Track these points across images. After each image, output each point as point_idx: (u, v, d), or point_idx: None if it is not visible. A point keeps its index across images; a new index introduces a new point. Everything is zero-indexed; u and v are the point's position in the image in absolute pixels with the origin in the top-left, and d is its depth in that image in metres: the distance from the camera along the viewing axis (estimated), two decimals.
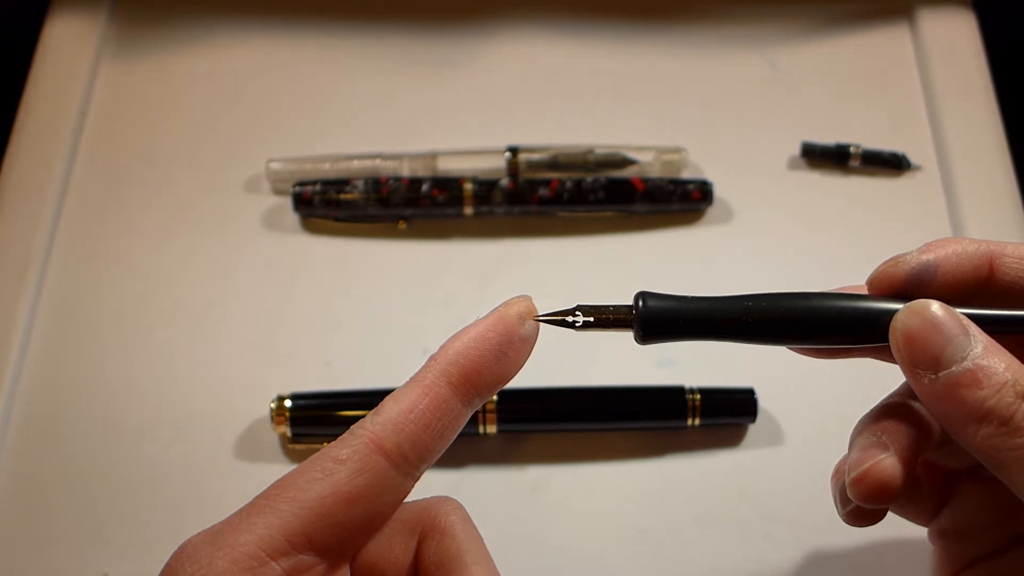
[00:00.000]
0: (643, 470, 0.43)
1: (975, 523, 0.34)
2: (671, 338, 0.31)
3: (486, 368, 0.27)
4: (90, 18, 0.55)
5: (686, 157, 0.50)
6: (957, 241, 0.31)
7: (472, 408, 0.28)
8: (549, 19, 0.56)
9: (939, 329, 0.28)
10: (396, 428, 0.27)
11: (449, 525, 0.27)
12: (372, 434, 0.26)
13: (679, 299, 0.31)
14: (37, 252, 0.48)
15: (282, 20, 0.56)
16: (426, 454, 0.27)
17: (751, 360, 0.45)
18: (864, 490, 0.30)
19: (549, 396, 0.43)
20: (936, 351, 0.28)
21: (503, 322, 0.28)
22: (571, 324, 0.31)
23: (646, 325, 0.30)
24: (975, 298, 0.30)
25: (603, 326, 0.31)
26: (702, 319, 0.30)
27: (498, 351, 0.27)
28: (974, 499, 0.34)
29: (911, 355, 0.29)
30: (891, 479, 0.29)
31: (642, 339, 0.31)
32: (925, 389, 0.28)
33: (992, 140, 0.51)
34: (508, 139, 0.51)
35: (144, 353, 0.46)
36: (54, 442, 0.44)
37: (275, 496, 0.26)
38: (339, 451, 0.26)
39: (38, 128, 0.52)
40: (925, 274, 0.30)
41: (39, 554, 0.41)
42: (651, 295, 0.31)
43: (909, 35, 0.55)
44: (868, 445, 0.30)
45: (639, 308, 0.30)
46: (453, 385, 0.27)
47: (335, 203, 0.49)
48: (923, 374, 0.28)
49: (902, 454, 0.30)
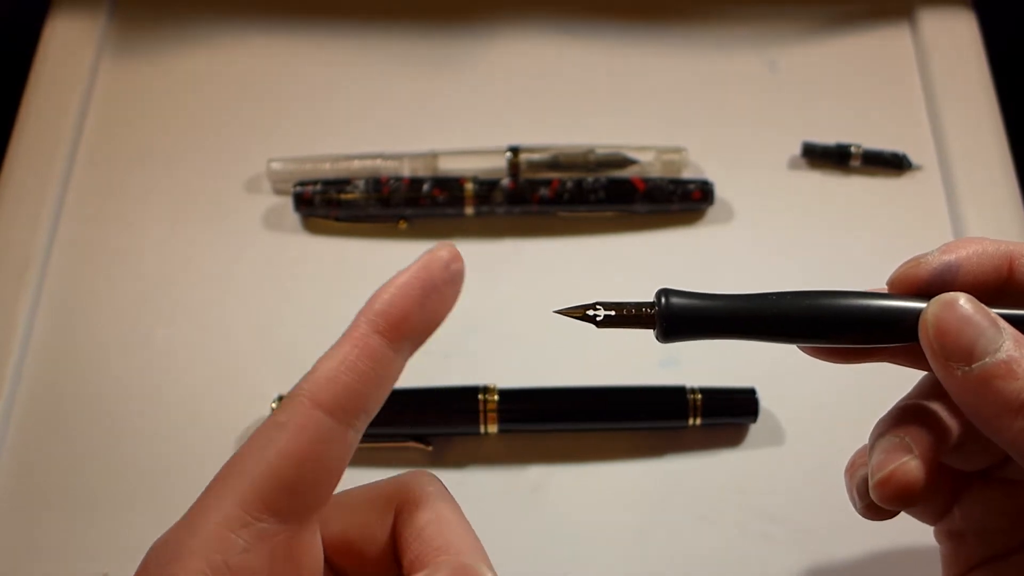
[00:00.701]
0: (644, 470, 0.43)
1: (984, 525, 0.34)
2: (693, 336, 0.30)
3: (412, 314, 0.28)
4: (90, 18, 0.55)
5: (686, 157, 0.50)
6: (977, 241, 0.30)
7: (404, 354, 0.28)
8: (549, 19, 0.56)
9: (971, 321, 0.28)
10: (330, 382, 0.27)
11: (425, 496, 0.28)
12: (308, 392, 0.26)
13: (702, 296, 0.30)
14: (37, 252, 0.48)
15: (282, 20, 0.56)
16: (364, 403, 0.27)
17: (752, 360, 0.45)
18: (890, 492, 0.30)
19: (550, 396, 0.43)
20: (969, 343, 0.28)
21: (426, 269, 0.28)
22: (592, 319, 0.30)
23: (669, 323, 0.30)
24: (995, 299, 0.30)
25: (624, 323, 0.30)
26: (726, 317, 0.30)
27: (422, 297, 0.28)
28: (984, 501, 0.34)
29: (943, 347, 0.28)
30: (915, 481, 0.29)
31: (664, 337, 0.30)
32: (957, 382, 0.28)
33: (992, 140, 0.51)
34: (509, 139, 0.51)
35: (144, 353, 0.46)
36: (54, 442, 0.44)
37: (228, 474, 0.26)
38: (279, 416, 0.26)
39: (38, 128, 0.51)
40: (947, 274, 0.30)
41: (39, 554, 0.41)
42: (673, 292, 0.30)
43: (909, 35, 0.55)
44: (892, 447, 0.30)
45: (662, 306, 0.30)
46: (381, 334, 0.27)
47: (336, 203, 0.48)
48: (956, 367, 0.28)
49: (925, 456, 0.30)
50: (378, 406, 0.27)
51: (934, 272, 0.30)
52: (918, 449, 0.30)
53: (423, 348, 0.45)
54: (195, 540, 0.25)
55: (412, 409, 0.43)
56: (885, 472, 0.30)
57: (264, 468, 0.26)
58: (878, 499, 0.30)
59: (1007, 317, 0.29)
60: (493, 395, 0.43)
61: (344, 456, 0.27)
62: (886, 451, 0.30)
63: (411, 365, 0.45)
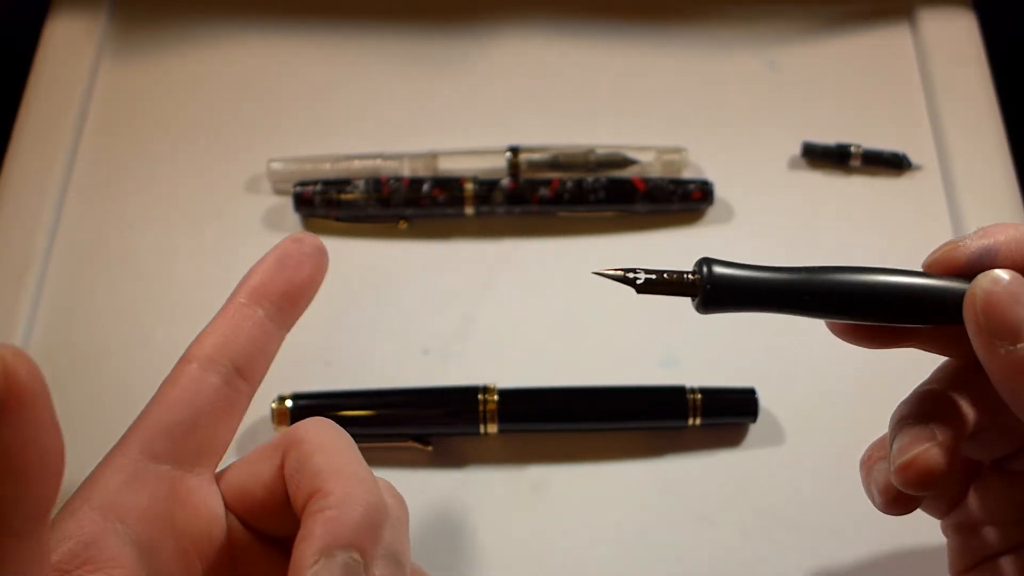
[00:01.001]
0: (644, 470, 0.43)
1: (995, 518, 0.33)
2: (733, 308, 0.30)
3: (271, 279, 0.31)
4: (90, 18, 0.55)
5: (687, 157, 0.50)
6: (1014, 227, 0.30)
7: (271, 314, 0.32)
8: (549, 19, 0.56)
9: (1020, 299, 0.28)
10: (200, 341, 0.31)
11: (303, 433, 0.29)
12: (185, 353, 0.31)
13: (745, 267, 0.29)
14: (37, 252, 0.48)
15: (282, 20, 0.56)
16: (232, 354, 0.30)
17: (752, 360, 0.45)
18: (912, 476, 0.29)
19: (550, 396, 0.43)
20: (1017, 320, 0.28)
21: (281, 246, 0.32)
22: (632, 281, 0.30)
23: (711, 292, 0.29)
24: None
25: (664, 288, 0.30)
26: (769, 289, 0.29)
27: (279, 264, 0.32)
28: (996, 493, 0.33)
29: (990, 323, 0.28)
30: (938, 467, 0.29)
31: (704, 307, 0.29)
32: (999, 361, 0.28)
33: (992, 140, 0.51)
34: (509, 139, 0.51)
35: (144, 353, 0.46)
36: None
37: (131, 427, 0.30)
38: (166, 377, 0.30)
39: (38, 128, 0.52)
40: (985, 258, 0.30)
41: None
42: (716, 261, 0.29)
43: (909, 35, 0.55)
44: (916, 432, 0.30)
45: (704, 274, 0.29)
46: (248, 298, 0.31)
47: (336, 203, 0.49)
48: (1000, 344, 0.28)
49: (947, 442, 0.30)
50: (250, 358, 0.31)
51: (972, 255, 0.30)
52: (940, 435, 0.30)
53: (423, 348, 0.46)
54: (86, 487, 0.29)
55: (412, 409, 0.43)
56: (908, 456, 0.29)
57: (143, 417, 0.30)
58: (900, 483, 0.30)
59: None
60: (493, 395, 0.43)
61: (218, 401, 0.30)
62: (910, 436, 0.30)
63: (410, 365, 0.45)
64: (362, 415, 0.43)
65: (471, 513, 0.42)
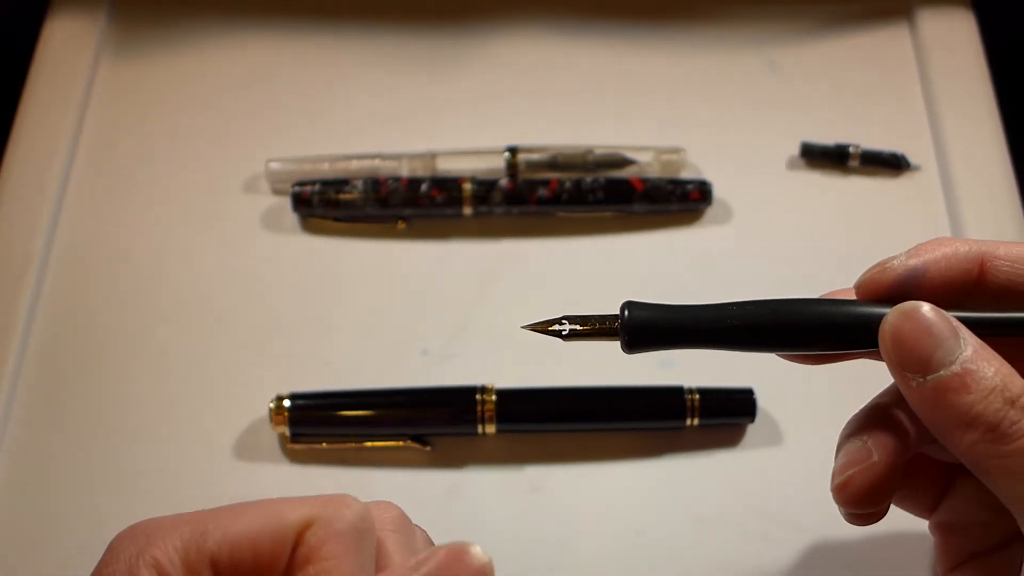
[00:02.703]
0: (642, 470, 0.43)
1: (971, 519, 0.34)
2: (657, 347, 0.31)
3: None
4: (90, 18, 0.55)
5: (685, 157, 0.50)
6: (948, 243, 0.30)
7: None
8: (549, 19, 0.56)
9: (929, 332, 0.28)
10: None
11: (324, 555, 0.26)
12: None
13: (664, 308, 0.31)
14: (37, 252, 0.48)
15: (281, 20, 0.56)
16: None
17: (750, 360, 0.44)
18: (847, 496, 0.30)
19: (547, 396, 0.43)
20: (925, 354, 0.28)
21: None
22: (558, 333, 0.31)
23: (632, 334, 0.31)
24: (966, 301, 0.30)
25: (590, 336, 0.31)
26: (687, 328, 0.31)
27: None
28: (968, 495, 0.34)
29: (899, 358, 0.28)
30: (872, 486, 0.30)
31: (629, 348, 0.31)
32: (913, 393, 0.28)
33: (992, 140, 0.51)
34: (507, 139, 0.51)
35: (143, 353, 0.46)
36: (53, 442, 0.44)
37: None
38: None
39: (38, 128, 0.52)
40: (912, 280, 0.30)
41: (39, 554, 0.41)
42: (636, 304, 0.31)
43: (909, 35, 0.55)
44: (853, 451, 0.30)
45: (624, 318, 0.31)
46: None
47: (334, 203, 0.49)
48: (911, 377, 0.28)
49: (887, 459, 0.30)
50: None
51: (899, 277, 0.30)
52: (879, 453, 0.30)
53: (421, 348, 0.46)
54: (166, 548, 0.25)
55: (410, 409, 0.43)
56: (843, 477, 0.30)
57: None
58: (838, 503, 0.30)
59: (975, 320, 0.29)
60: (491, 395, 0.43)
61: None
62: (847, 455, 0.30)
63: (408, 365, 0.45)
64: (360, 415, 0.43)
65: (469, 513, 0.42)
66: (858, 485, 0.30)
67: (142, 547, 0.25)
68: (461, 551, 0.25)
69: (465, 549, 0.25)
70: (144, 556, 0.25)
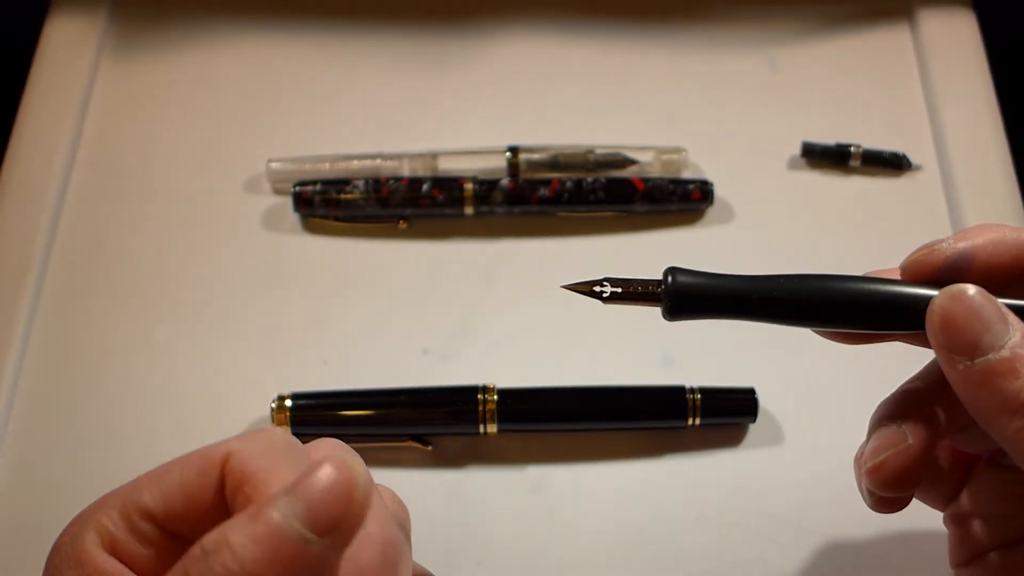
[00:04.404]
0: (643, 470, 0.43)
1: (991, 511, 0.33)
2: (699, 315, 0.30)
3: None
4: (90, 18, 0.55)
5: (686, 157, 0.50)
6: (995, 228, 0.30)
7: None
8: (549, 19, 0.56)
9: (978, 315, 0.28)
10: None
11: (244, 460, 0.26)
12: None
13: (710, 276, 0.30)
14: (37, 252, 0.48)
15: (282, 20, 0.56)
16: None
17: (751, 360, 0.45)
18: (881, 479, 0.30)
19: (549, 396, 0.43)
20: (974, 337, 0.28)
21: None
22: (599, 295, 0.31)
23: (675, 300, 0.30)
24: (1011, 287, 0.30)
25: (631, 299, 0.31)
26: (733, 296, 0.30)
27: None
28: (991, 486, 0.34)
29: (948, 340, 0.28)
30: (907, 470, 0.29)
31: (670, 314, 0.30)
32: (959, 376, 0.28)
33: (992, 140, 0.51)
34: (508, 139, 0.51)
35: (144, 353, 0.46)
36: (53, 443, 0.44)
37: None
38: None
39: (38, 128, 0.52)
40: (961, 262, 0.30)
41: (39, 554, 0.41)
42: (681, 271, 0.30)
43: (909, 35, 0.55)
44: (887, 434, 0.30)
45: (668, 283, 0.30)
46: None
47: (335, 203, 0.49)
48: (958, 360, 0.28)
49: (920, 444, 0.30)
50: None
51: (948, 260, 0.30)
52: (913, 437, 0.30)
53: (422, 348, 0.46)
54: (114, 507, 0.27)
55: (411, 409, 0.43)
56: (878, 459, 0.30)
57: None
58: (871, 485, 0.30)
59: (1021, 308, 0.29)
60: (492, 395, 0.43)
61: None
62: (881, 438, 0.30)
63: (410, 365, 0.45)
64: (361, 415, 0.43)
65: (470, 513, 0.42)
66: (892, 468, 0.30)
67: (86, 517, 0.27)
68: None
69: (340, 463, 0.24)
70: (88, 522, 0.26)
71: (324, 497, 0.24)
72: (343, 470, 0.24)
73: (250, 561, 0.23)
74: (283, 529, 0.23)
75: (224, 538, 0.23)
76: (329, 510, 0.24)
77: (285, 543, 0.23)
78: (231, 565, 0.23)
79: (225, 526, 0.24)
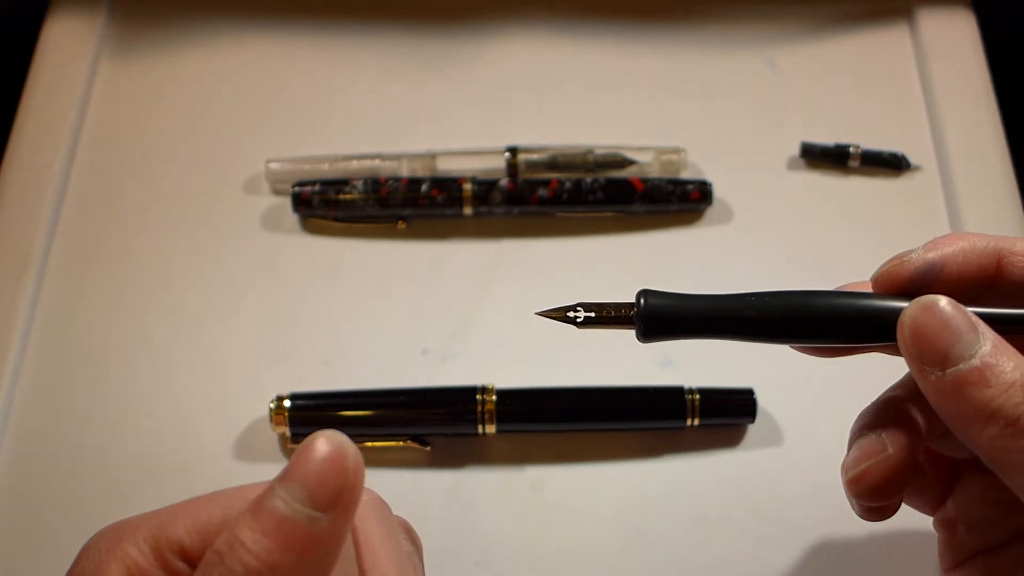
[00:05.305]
0: (642, 470, 0.43)
1: (977, 515, 0.34)
2: (673, 336, 0.31)
3: None
4: (90, 18, 0.55)
5: (685, 157, 0.50)
6: (965, 237, 0.30)
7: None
8: (549, 19, 0.56)
9: (948, 325, 0.28)
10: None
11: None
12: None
13: (681, 297, 0.31)
14: (36, 252, 0.48)
15: (281, 20, 0.56)
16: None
17: (750, 360, 0.45)
18: (863, 489, 0.30)
19: (548, 396, 0.43)
20: (944, 348, 0.28)
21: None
22: (572, 320, 0.31)
23: (648, 323, 0.30)
24: (982, 296, 0.30)
25: (605, 323, 0.31)
26: (704, 317, 0.30)
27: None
28: (976, 491, 0.34)
29: (919, 351, 0.28)
30: (888, 478, 0.29)
31: (644, 337, 0.31)
32: (931, 386, 0.28)
33: (992, 140, 0.51)
34: (507, 139, 0.51)
35: (143, 353, 0.46)
36: (52, 443, 0.44)
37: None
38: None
39: (37, 128, 0.52)
40: (930, 273, 0.30)
41: (39, 554, 0.41)
42: (653, 293, 0.31)
43: (909, 35, 0.55)
44: (867, 444, 0.30)
45: (640, 306, 0.30)
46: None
47: (334, 203, 0.49)
48: (930, 371, 0.28)
49: (900, 452, 0.30)
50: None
51: (917, 271, 0.30)
52: (893, 446, 0.30)
53: (421, 348, 0.46)
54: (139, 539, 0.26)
55: (410, 409, 0.43)
56: (858, 470, 0.30)
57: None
58: (853, 495, 0.30)
59: (991, 316, 0.29)
60: (491, 395, 0.43)
61: None
62: (861, 448, 0.30)
63: (409, 365, 0.45)
64: (360, 415, 0.43)
65: (469, 514, 0.42)
66: (873, 478, 0.30)
67: (112, 543, 0.26)
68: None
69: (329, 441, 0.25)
70: (114, 551, 0.26)
71: (319, 474, 0.24)
72: (330, 443, 0.25)
73: (266, 553, 0.24)
74: (289, 515, 0.24)
75: (235, 538, 0.24)
76: (326, 485, 0.24)
77: (295, 528, 0.24)
78: (249, 561, 0.24)
79: (232, 526, 0.24)
